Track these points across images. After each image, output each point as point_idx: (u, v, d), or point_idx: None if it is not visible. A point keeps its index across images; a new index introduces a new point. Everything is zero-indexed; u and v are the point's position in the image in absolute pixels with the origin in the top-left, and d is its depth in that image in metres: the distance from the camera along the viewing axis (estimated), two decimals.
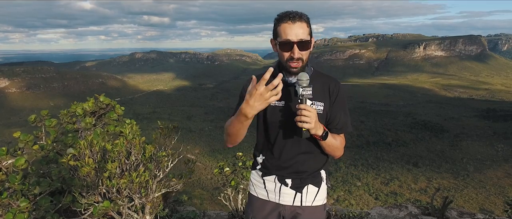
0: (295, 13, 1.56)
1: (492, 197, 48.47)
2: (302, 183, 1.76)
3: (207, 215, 4.13)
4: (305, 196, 1.76)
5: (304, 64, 1.62)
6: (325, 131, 1.59)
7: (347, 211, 4.33)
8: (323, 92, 1.68)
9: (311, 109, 1.49)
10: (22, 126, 63.14)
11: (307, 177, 1.76)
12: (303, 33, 1.56)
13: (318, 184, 1.78)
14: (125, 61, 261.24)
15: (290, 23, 1.55)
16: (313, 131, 1.53)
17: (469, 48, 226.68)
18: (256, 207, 1.85)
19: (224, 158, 62.09)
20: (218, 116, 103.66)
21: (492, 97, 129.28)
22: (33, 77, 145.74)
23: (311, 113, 1.48)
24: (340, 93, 1.71)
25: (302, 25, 1.56)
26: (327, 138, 1.60)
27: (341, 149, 1.72)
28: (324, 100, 1.68)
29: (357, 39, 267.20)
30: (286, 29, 1.55)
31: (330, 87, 1.70)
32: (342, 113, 1.71)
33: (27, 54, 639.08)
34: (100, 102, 3.63)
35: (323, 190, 1.81)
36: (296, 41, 1.55)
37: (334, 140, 1.66)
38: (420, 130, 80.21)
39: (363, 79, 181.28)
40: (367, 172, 59.32)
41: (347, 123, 1.73)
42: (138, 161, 2.78)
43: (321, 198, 1.80)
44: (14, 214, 2.50)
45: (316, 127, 1.52)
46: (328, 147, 1.66)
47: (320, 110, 1.66)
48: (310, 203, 1.76)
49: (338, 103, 1.70)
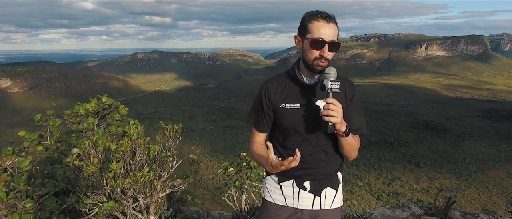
0: (328, 14, 1.58)
1: (494, 197, 48.33)
2: (321, 186, 1.75)
3: (210, 216, 4.13)
4: (324, 199, 1.76)
5: (328, 64, 1.63)
6: (348, 127, 1.59)
7: (351, 212, 4.33)
8: (340, 93, 1.66)
9: (338, 103, 1.51)
10: (25, 126, 63.31)
11: (325, 180, 1.76)
12: (335, 35, 1.58)
13: (336, 186, 1.80)
14: (127, 61, 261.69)
15: (325, 22, 1.56)
16: (338, 126, 1.53)
17: (471, 48, 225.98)
18: (272, 213, 1.82)
19: (226, 158, 62.10)
20: (219, 116, 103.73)
21: (494, 97, 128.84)
22: (35, 77, 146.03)
23: (338, 108, 1.51)
24: (355, 94, 1.73)
25: (334, 27, 1.58)
26: (349, 135, 1.61)
27: (357, 149, 1.74)
28: (341, 101, 1.64)
29: (359, 39, 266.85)
30: (320, 27, 1.55)
31: (346, 88, 1.71)
32: (357, 115, 1.73)
33: (29, 54, 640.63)
34: (103, 102, 3.64)
35: (340, 192, 1.83)
36: (328, 40, 1.55)
37: (353, 139, 1.68)
38: (422, 130, 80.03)
39: (365, 79, 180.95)
40: (368, 172, 59.22)
41: (363, 124, 1.76)
42: (142, 161, 2.79)
43: (339, 200, 1.82)
44: (20, 215, 2.52)
45: (342, 122, 1.54)
46: (348, 146, 1.67)
47: None
48: (329, 206, 1.77)
49: (353, 105, 1.72)
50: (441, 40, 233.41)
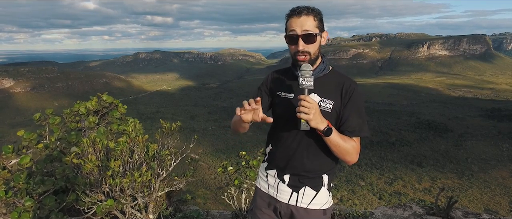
0: (302, 7, 1.58)
1: (497, 197, 48.13)
2: (300, 183, 1.71)
3: (210, 215, 4.12)
4: (301, 197, 1.71)
5: (312, 57, 1.62)
6: (328, 127, 1.52)
7: (351, 211, 4.32)
8: (336, 91, 1.64)
9: (310, 100, 1.47)
10: (27, 126, 63.52)
11: (305, 178, 1.70)
12: (309, 26, 1.57)
13: (317, 188, 1.71)
14: (129, 61, 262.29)
15: (296, 17, 1.58)
16: (312, 123, 1.48)
17: (474, 47, 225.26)
18: (257, 199, 1.88)
19: (228, 158, 62.13)
20: (221, 116, 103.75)
21: (496, 96, 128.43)
22: (37, 77, 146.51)
23: (311, 105, 1.46)
24: (354, 94, 1.64)
25: (308, 18, 1.57)
26: (330, 134, 1.52)
27: (353, 153, 1.61)
28: (335, 99, 1.63)
29: (361, 39, 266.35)
30: (292, 23, 1.59)
31: (344, 86, 1.65)
32: (355, 115, 1.63)
33: (31, 54, 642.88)
34: (103, 101, 3.64)
35: (322, 195, 1.72)
36: (300, 33, 1.57)
37: (341, 141, 1.57)
38: (424, 130, 79.83)
39: (367, 78, 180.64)
40: (370, 171, 59.13)
41: (362, 126, 1.63)
42: (141, 159, 2.78)
43: (319, 203, 1.71)
44: (19, 213, 2.52)
45: (316, 120, 1.48)
46: (334, 147, 1.57)
47: (328, 108, 1.62)
48: (305, 205, 1.70)
49: (351, 104, 1.63)
50: (443, 39, 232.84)
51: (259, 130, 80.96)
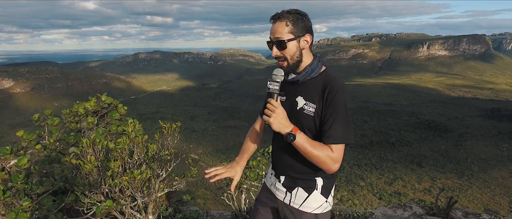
0: (278, 13, 1.60)
1: (497, 197, 48.17)
2: (293, 184, 1.73)
3: (210, 215, 4.11)
4: (294, 198, 1.73)
5: (291, 62, 1.62)
6: (291, 132, 1.51)
7: (351, 211, 4.30)
8: (320, 94, 1.58)
9: (275, 104, 1.53)
10: (27, 126, 63.49)
11: (298, 180, 1.71)
12: (280, 32, 1.57)
13: (309, 190, 1.69)
14: (129, 61, 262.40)
15: (272, 24, 1.61)
16: (274, 127, 1.53)
17: (473, 47, 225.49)
18: (262, 192, 1.97)
19: (227, 158, 62.17)
20: (221, 116, 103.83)
21: (496, 96, 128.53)
22: (37, 77, 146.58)
23: (275, 109, 1.52)
24: (336, 96, 1.53)
25: (280, 25, 1.57)
26: (292, 140, 1.51)
27: (326, 162, 1.52)
28: (318, 103, 1.58)
29: (361, 39, 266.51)
30: (270, 30, 1.62)
31: (327, 88, 1.56)
32: (334, 120, 1.52)
33: (31, 55, 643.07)
34: (102, 101, 3.63)
35: (314, 198, 1.70)
36: (273, 40, 1.61)
37: (310, 147, 1.52)
38: (424, 130, 79.90)
39: (367, 78, 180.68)
40: (370, 172, 59.17)
41: (338, 132, 1.51)
42: (140, 160, 2.77)
43: (310, 206, 1.70)
44: (16, 213, 2.50)
45: (278, 124, 1.52)
46: (303, 154, 1.55)
47: (311, 112, 1.58)
48: (297, 206, 1.71)
49: (331, 107, 1.53)
50: (443, 39, 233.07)
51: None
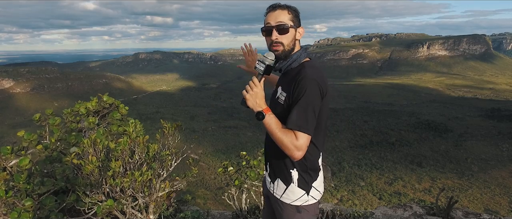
0: (276, 3, 1.71)
1: (497, 197, 48.12)
2: (275, 175, 1.82)
3: (210, 215, 4.12)
4: (276, 188, 1.83)
5: (286, 49, 1.69)
6: (260, 111, 1.59)
7: (352, 211, 4.31)
8: (291, 83, 1.63)
9: (256, 83, 1.62)
10: (27, 126, 63.51)
11: (278, 171, 1.80)
12: (283, 18, 1.67)
13: (287, 182, 1.75)
14: (129, 62, 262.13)
15: (272, 12, 1.70)
16: (249, 103, 1.62)
17: (473, 47, 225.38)
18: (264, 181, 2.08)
19: (227, 158, 62.12)
20: (221, 116, 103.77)
21: (496, 96, 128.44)
22: (37, 77, 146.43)
23: (254, 87, 1.62)
24: (299, 86, 1.57)
25: (282, 12, 1.68)
26: (261, 119, 1.59)
27: (289, 148, 1.55)
28: (288, 92, 1.65)
29: (361, 39, 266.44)
30: (267, 17, 1.71)
31: (296, 77, 1.61)
32: (295, 108, 1.57)
33: (31, 55, 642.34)
34: (103, 101, 3.63)
35: (292, 191, 1.75)
36: (274, 25, 1.67)
37: (276, 130, 1.57)
38: (424, 130, 79.80)
39: (367, 78, 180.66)
40: (370, 172, 59.12)
41: (292, 118, 1.57)
42: (141, 160, 2.78)
43: (290, 198, 1.76)
44: (19, 213, 2.51)
45: (253, 101, 1.61)
46: (271, 136, 1.60)
47: (282, 100, 1.68)
48: (279, 196, 1.80)
49: (296, 97, 1.58)
50: (443, 39, 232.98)
51: (259, 130, 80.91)
